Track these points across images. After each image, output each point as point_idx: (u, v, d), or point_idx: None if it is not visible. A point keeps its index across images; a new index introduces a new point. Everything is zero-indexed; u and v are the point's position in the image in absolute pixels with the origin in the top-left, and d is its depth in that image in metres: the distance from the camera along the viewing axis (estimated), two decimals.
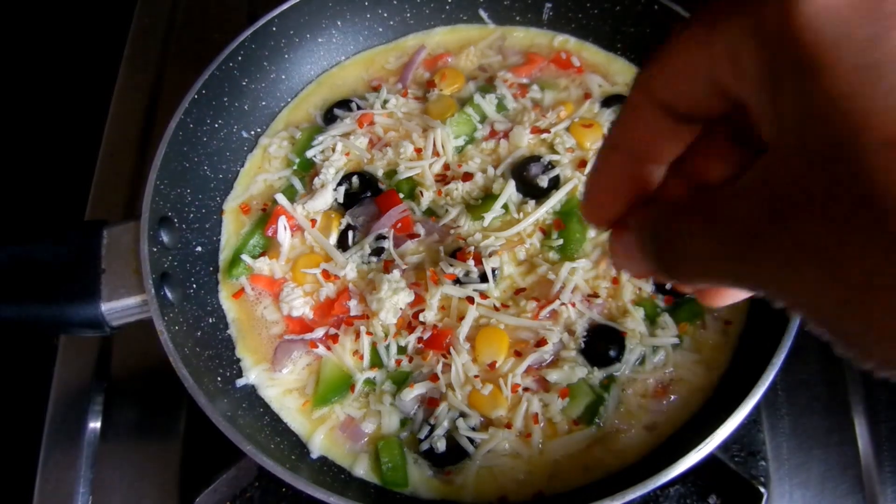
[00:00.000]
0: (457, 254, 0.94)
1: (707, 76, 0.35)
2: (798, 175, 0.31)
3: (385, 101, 1.09)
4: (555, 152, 1.01)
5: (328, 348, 0.91)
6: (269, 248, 1.01)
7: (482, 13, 1.18)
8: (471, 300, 0.91)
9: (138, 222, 0.88)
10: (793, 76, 0.31)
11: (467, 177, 1.01)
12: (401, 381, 0.89)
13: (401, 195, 0.99)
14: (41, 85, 1.47)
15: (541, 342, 0.88)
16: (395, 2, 1.16)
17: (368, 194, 1.01)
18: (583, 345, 0.89)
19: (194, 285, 0.96)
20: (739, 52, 0.33)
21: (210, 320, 0.96)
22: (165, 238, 0.93)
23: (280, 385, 0.92)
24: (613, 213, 0.45)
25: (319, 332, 0.92)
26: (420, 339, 0.90)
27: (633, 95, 0.39)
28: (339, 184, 1.01)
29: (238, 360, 0.94)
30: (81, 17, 1.53)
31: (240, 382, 0.92)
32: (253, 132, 1.11)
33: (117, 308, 0.86)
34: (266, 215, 1.02)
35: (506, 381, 0.87)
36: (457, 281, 0.92)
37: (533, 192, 0.99)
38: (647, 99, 0.39)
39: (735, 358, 0.90)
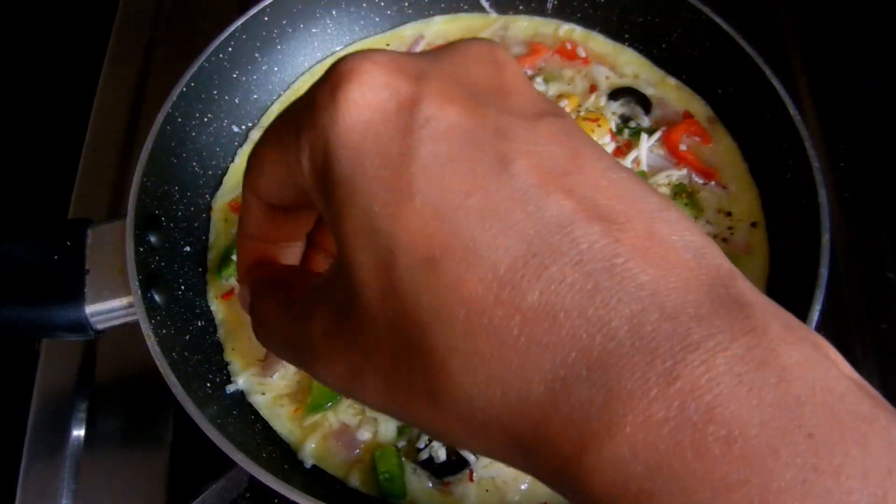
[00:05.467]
0: None
1: (286, 180, 0.38)
2: (338, 302, 0.33)
3: None
4: None
5: None
6: None
7: (483, 2, 1.19)
8: None
9: (124, 221, 0.88)
10: (333, 196, 0.31)
11: None
12: None
13: None
14: (20, 77, 1.48)
15: None
16: None
17: None
18: None
19: (182, 287, 0.97)
20: (301, 164, 0.34)
21: (199, 323, 0.96)
22: (152, 237, 0.93)
23: (271, 390, 0.93)
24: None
25: None
26: None
27: (244, 192, 0.43)
28: None
29: (227, 365, 0.95)
30: (63, 6, 1.53)
31: (230, 388, 0.92)
32: (244, 126, 1.12)
33: (102, 311, 0.86)
34: None
35: None
36: None
37: None
38: (253, 195, 0.42)
39: None
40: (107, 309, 0.87)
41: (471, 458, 0.85)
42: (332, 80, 0.31)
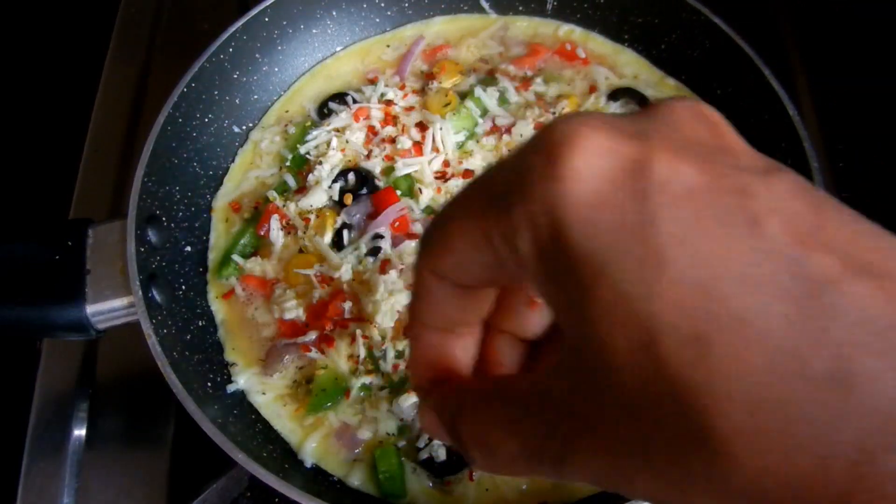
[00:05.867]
0: None
1: (486, 259, 0.33)
2: (591, 388, 0.29)
3: (382, 95, 1.09)
4: None
5: (322, 352, 0.92)
6: (260, 247, 1.02)
7: (483, 2, 1.19)
8: None
9: (125, 221, 0.88)
10: (571, 276, 0.28)
11: (468, 174, 1.01)
12: (398, 386, 0.90)
13: (398, 192, 1.00)
14: (22, 78, 1.48)
15: None
16: None
17: (365, 191, 1.01)
18: None
19: (183, 287, 0.97)
20: (516, 243, 0.30)
21: (200, 323, 0.96)
22: (153, 237, 0.93)
23: (271, 390, 0.93)
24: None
25: (312, 336, 0.93)
26: None
27: (419, 274, 0.38)
28: (335, 181, 1.01)
29: (228, 364, 0.95)
30: (64, 8, 1.53)
31: (231, 388, 0.92)
32: (244, 127, 1.12)
33: (103, 310, 0.87)
34: (258, 213, 1.03)
35: None
36: None
37: None
38: (434, 276, 0.37)
39: None
40: (108, 309, 0.87)
41: None
42: (547, 149, 0.29)
